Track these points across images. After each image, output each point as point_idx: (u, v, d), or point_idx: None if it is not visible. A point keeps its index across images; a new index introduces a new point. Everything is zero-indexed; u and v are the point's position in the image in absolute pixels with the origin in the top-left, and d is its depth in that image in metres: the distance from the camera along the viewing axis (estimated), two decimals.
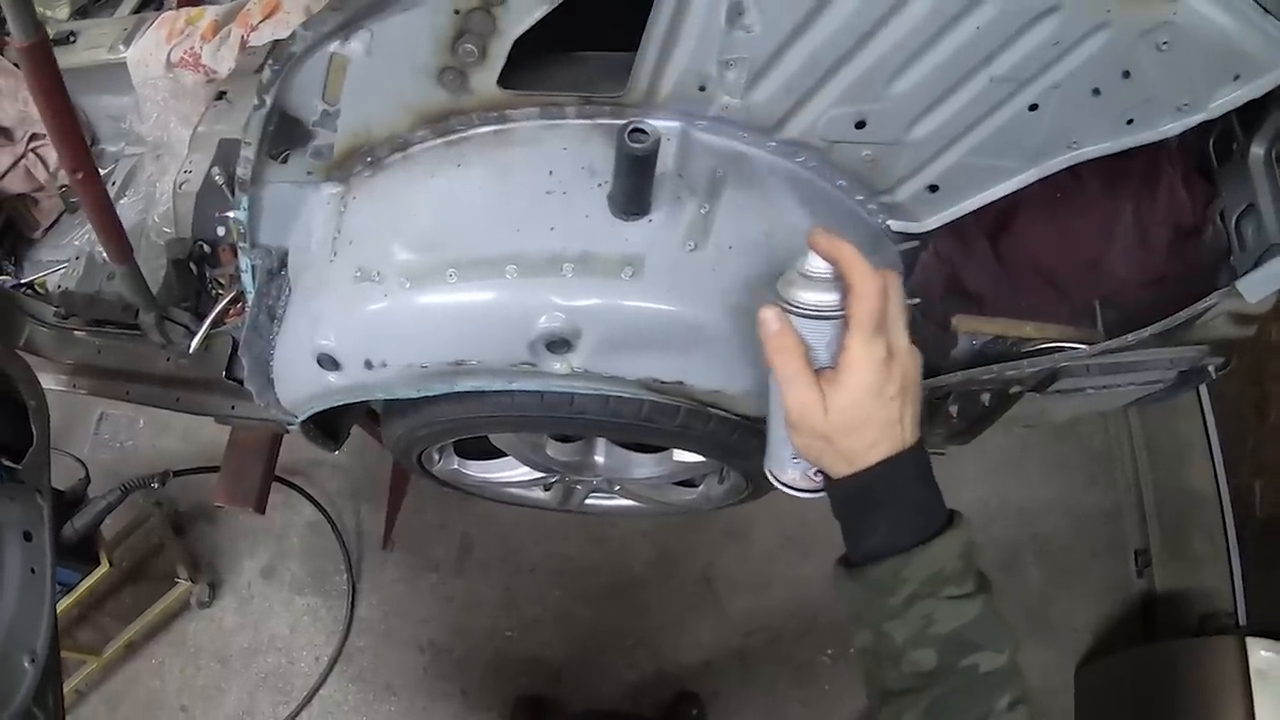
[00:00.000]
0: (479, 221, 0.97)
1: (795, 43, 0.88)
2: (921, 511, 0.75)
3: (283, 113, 1.02)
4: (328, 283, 1.06)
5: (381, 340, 1.02)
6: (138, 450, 2.43)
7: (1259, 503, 2.19)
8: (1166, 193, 1.48)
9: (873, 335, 0.73)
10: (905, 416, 0.75)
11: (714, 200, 1.02)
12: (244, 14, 1.98)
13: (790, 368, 0.75)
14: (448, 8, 0.86)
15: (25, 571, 1.35)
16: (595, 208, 0.98)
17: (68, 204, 2.12)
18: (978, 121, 0.98)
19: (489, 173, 1.00)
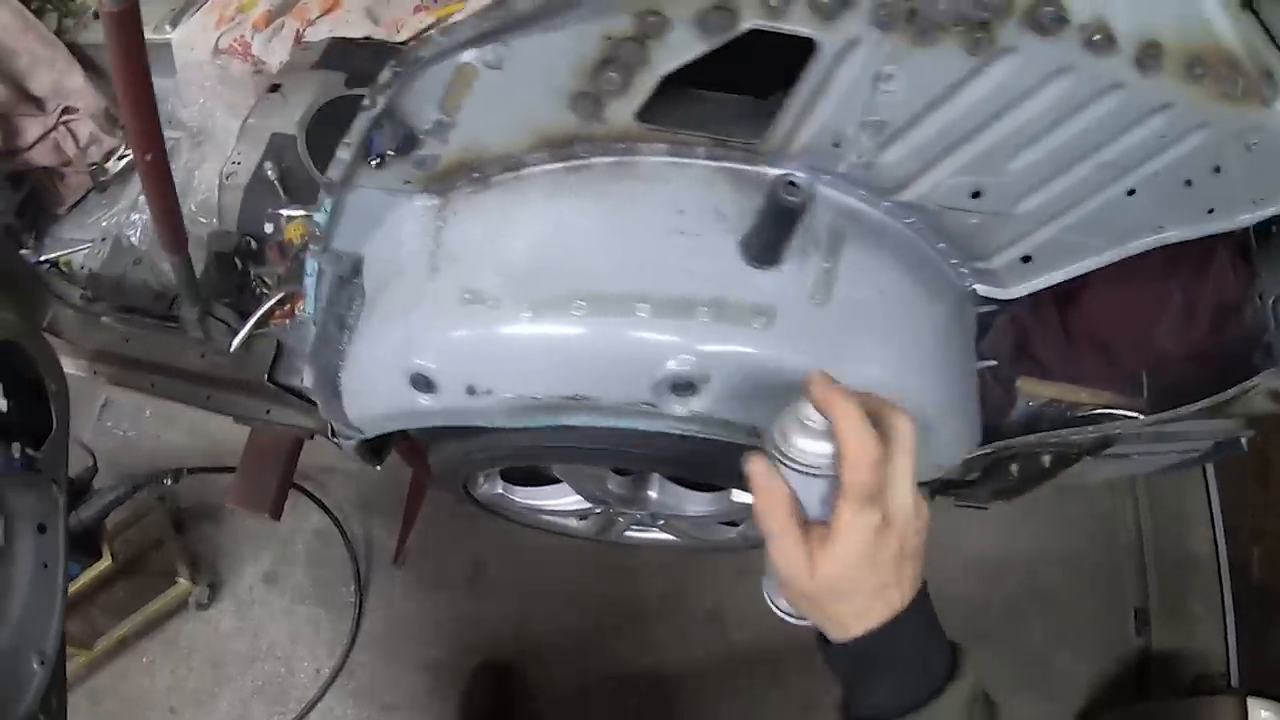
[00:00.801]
0: (608, 256, 0.96)
1: (933, 112, 0.90)
2: (922, 669, 0.73)
3: (392, 117, 0.99)
4: (428, 300, 1.03)
5: (491, 367, 1.00)
6: (141, 441, 2.36)
7: (1256, 568, 2.24)
8: (1216, 272, 1.52)
9: (865, 505, 0.69)
10: (902, 579, 0.72)
11: (836, 256, 1.02)
12: (300, 7, 1.96)
13: (776, 525, 0.71)
14: (598, 32, 0.85)
15: (38, 566, 1.30)
16: (726, 253, 0.98)
17: (96, 183, 2.07)
18: (1080, 201, 1.01)
19: (615, 206, 0.98)
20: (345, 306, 1.31)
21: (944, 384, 1.14)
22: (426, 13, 1.84)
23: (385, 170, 1.06)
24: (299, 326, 1.53)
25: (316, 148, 1.78)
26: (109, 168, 2.06)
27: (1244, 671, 2.18)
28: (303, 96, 1.84)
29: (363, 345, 1.16)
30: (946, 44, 0.81)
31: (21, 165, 2.01)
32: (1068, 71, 0.83)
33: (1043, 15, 0.77)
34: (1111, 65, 0.82)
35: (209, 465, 2.07)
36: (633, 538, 1.82)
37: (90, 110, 2.02)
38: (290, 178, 1.74)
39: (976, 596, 2.32)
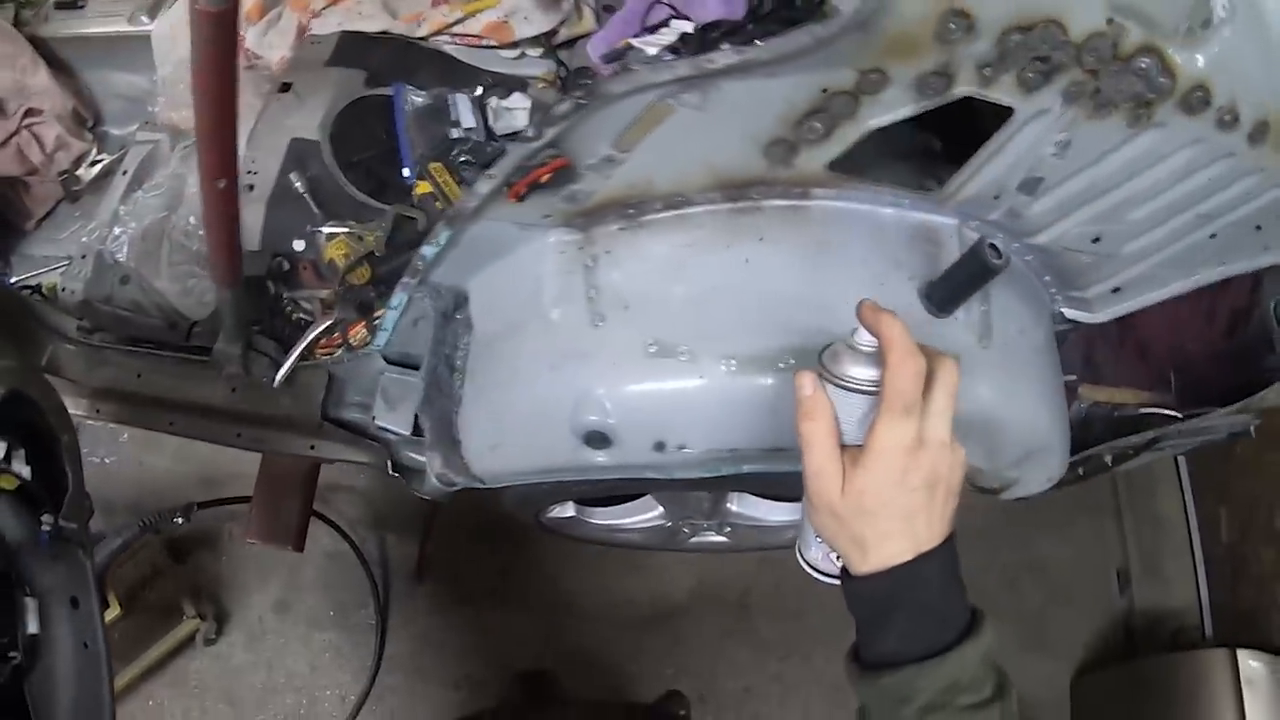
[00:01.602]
0: (808, 307, 0.97)
1: (1083, 172, 1.00)
2: (940, 619, 0.74)
3: (552, 148, 0.96)
4: (601, 352, 1.02)
5: (686, 423, 1.01)
6: (122, 468, 2.22)
7: (1224, 529, 2.46)
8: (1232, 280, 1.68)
9: (900, 417, 0.71)
10: (931, 513, 0.73)
11: (988, 299, 1.07)
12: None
13: (814, 434, 0.74)
14: (817, 84, 0.88)
15: (78, 647, 1.18)
16: (910, 302, 1.02)
17: (68, 192, 1.93)
18: (1173, 243, 1.14)
19: (802, 255, 1.01)
20: (452, 346, 1.27)
21: (1059, 405, 1.21)
22: (448, 6, 1.75)
23: (525, 204, 1.03)
24: (359, 359, 1.45)
25: (342, 155, 1.69)
26: (81, 175, 1.91)
27: (1217, 625, 2.40)
28: (320, 97, 1.74)
29: (498, 395, 1.12)
30: (1114, 118, 0.91)
31: None
32: (1198, 144, 0.95)
33: (1194, 99, 0.90)
34: (1231, 139, 0.94)
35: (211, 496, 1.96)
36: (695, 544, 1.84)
37: (56, 111, 1.86)
38: (319, 189, 1.65)
39: (978, 567, 2.47)
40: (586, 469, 1.07)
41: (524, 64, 1.74)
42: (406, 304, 1.29)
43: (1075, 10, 0.81)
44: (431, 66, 1.75)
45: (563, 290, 1.06)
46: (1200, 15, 0.84)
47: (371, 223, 1.57)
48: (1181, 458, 2.62)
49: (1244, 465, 2.37)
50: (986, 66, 0.86)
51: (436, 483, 1.30)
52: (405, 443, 1.48)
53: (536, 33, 1.68)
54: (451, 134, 1.65)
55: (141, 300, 1.77)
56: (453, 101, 1.68)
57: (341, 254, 1.55)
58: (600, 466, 1.06)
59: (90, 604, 1.20)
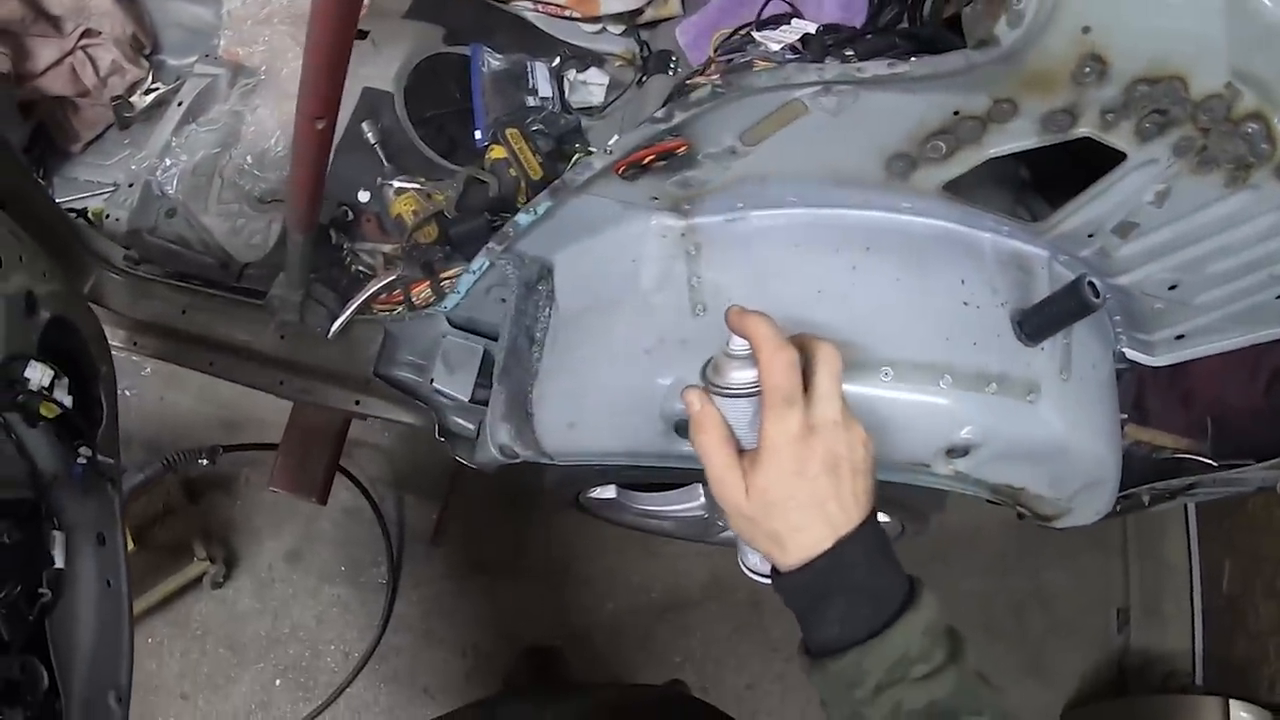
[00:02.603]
0: (911, 322, 1.02)
1: (1175, 223, 1.05)
2: (874, 597, 0.75)
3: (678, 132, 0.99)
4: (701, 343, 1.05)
5: None
6: (144, 402, 2.24)
7: (1226, 580, 2.54)
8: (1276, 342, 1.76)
9: (783, 409, 0.74)
10: (842, 496, 0.75)
11: (1070, 333, 1.12)
12: None
13: (707, 445, 0.77)
14: (951, 106, 0.92)
15: (101, 585, 1.18)
16: (1003, 328, 1.06)
17: (119, 118, 1.93)
18: (1242, 299, 1.18)
19: (905, 268, 1.04)
20: (533, 317, 1.31)
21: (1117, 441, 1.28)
22: None
23: (636, 184, 1.06)
24: (421, 319, 1.49)
25: (414, 109, 1.72)
26: (134, 102, 1.91)
27: (1208, 673, 2.49)
28: (397, 49, 1.77)
29: (582, 373, 1.16)
30: (1215, 175, 0.97)
31: (30, 93, 1.84)
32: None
33: None
34: None
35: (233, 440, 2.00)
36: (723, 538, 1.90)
37: (115, 35, 1.87)
38: (390, 141, 1.68)
39: (988, 590, 2.54)
40: (669, 456, 1.11)
41: (603, 39, 1.78)
42: (487, 269, 1.32)
43: (1201, 70, 0.86)
44: (510, 30, 1.78)
45: (663, 275, 1.09)
46: None
47: (442, 181, 1.60)
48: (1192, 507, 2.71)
49: (1252, 520, 2.44)
50: (1110, 112, 0.91)
51: (495, 453, 1.33)
52: (459, 408, 1.52)
53: (623, 9, 1.71)
54: (527, 101, 1.69)
55: (187, 235, 1.79)
56: (531, 69, 1.71)
57: (410, 210, 1.58)
58: (684, 455, 1.10)
59: (116, 541, 1.20)
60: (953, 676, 0.73)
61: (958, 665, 0.74)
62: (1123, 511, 1.70)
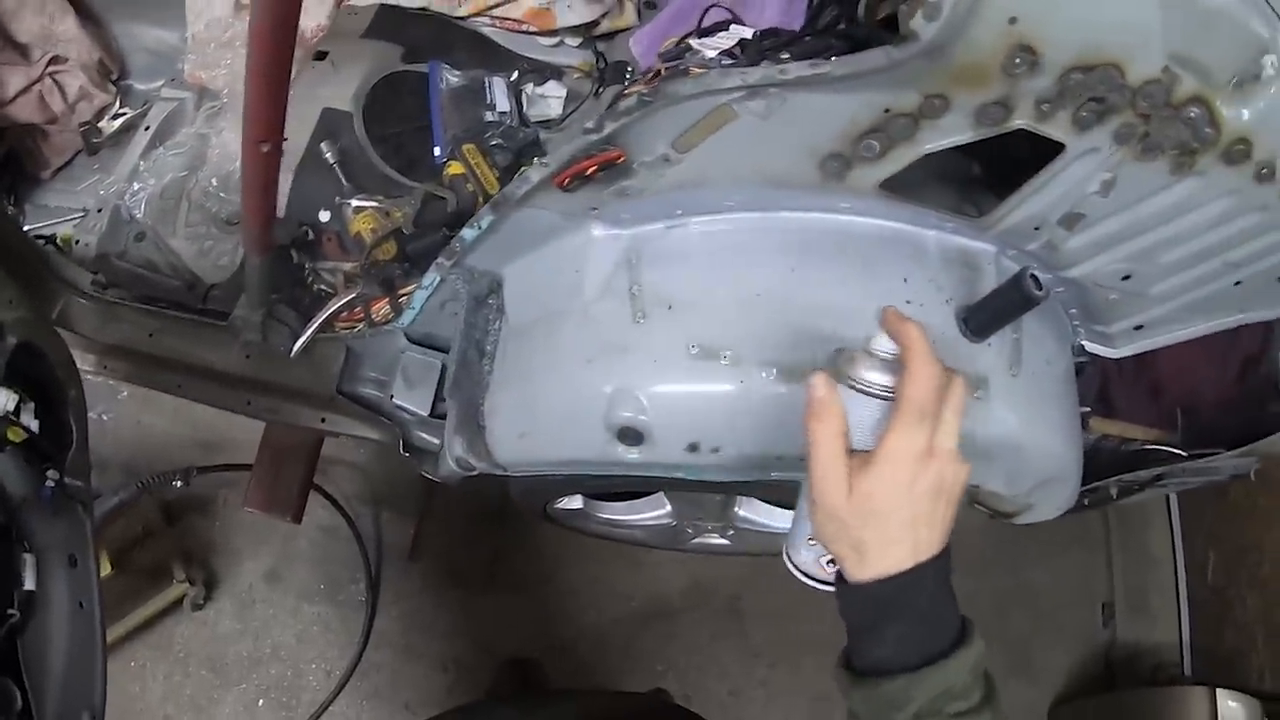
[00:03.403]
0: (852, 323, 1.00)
1: (1122, 212, 1.03)
2: (934, 627, 0.74)
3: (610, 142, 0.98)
4: (641, 350, 1.03)
5: (722, 427, 1.03)
6: (120, 427, 2.22)
7: (1211, 572, 2.50)
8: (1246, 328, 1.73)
9: (915, 424, 0.73)
10: (933, 523, 0.74)
11: (1020, 328, 1.10)
12: None
13: (823, 434, 0.75)
14: (879, 104, 0.90)
15: (74, 606, 1.18)
16: (948, 325, 1.04)
17: (88, 144, 1.92)
18: (1199, 287, 1.17)
19: (848, 269, 1.03)
20: (483, 330, 1.28)
21: (1076, 436, 1.25)
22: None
23: (575, 195, 1.04)
24: (381, 335, 1.46)
25: (373, 128, 1.70)
26: (102, 127, 1.90)
27: (1196, 664, 2.45)
28: (355, 69, 1.75)
29: (530, 384, 1.14)
30: (1159, 162, 0.95)
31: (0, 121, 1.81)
32: (1234, 194, 0.98)
33: (1235, 151, 0.93)
34: (1266, 193, 0.97)
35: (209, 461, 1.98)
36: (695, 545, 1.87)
37: (82, 61, 1.86)
38: (349, 160, 1.66)
39: (970, 589, 2.50)
40: (616, 464, 1.09)
41: (561, 52, 1.76)
42: (438, 284, 1.30)
43: (1136, 56, 0.84)
44: (468, 47, 1.76)
45: (605, 284, 1.08)
46: (1251, 71, 0.86)
47: (400, 199, 1.59)
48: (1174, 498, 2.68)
49: (1235, 511, 2.41)
50: (1045, 102, 0.89)
51: (453, 466, 1.31)
52: (420, 423, 1.50)
53: (579, 22, 1.69)
54: (485, 117, 1.67)
55: (155, 258, 1.77)
56: (489, 84, 1.69)
57: (369, 228, 1.56)
58: (630, 463, 1.08)
59: (88, 563, 1.19)
60: (985, 718, 0.73)
61: (992, 709, 0.74)
62: (1091, 505, 1.67)
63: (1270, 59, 0.85)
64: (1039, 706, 2.48)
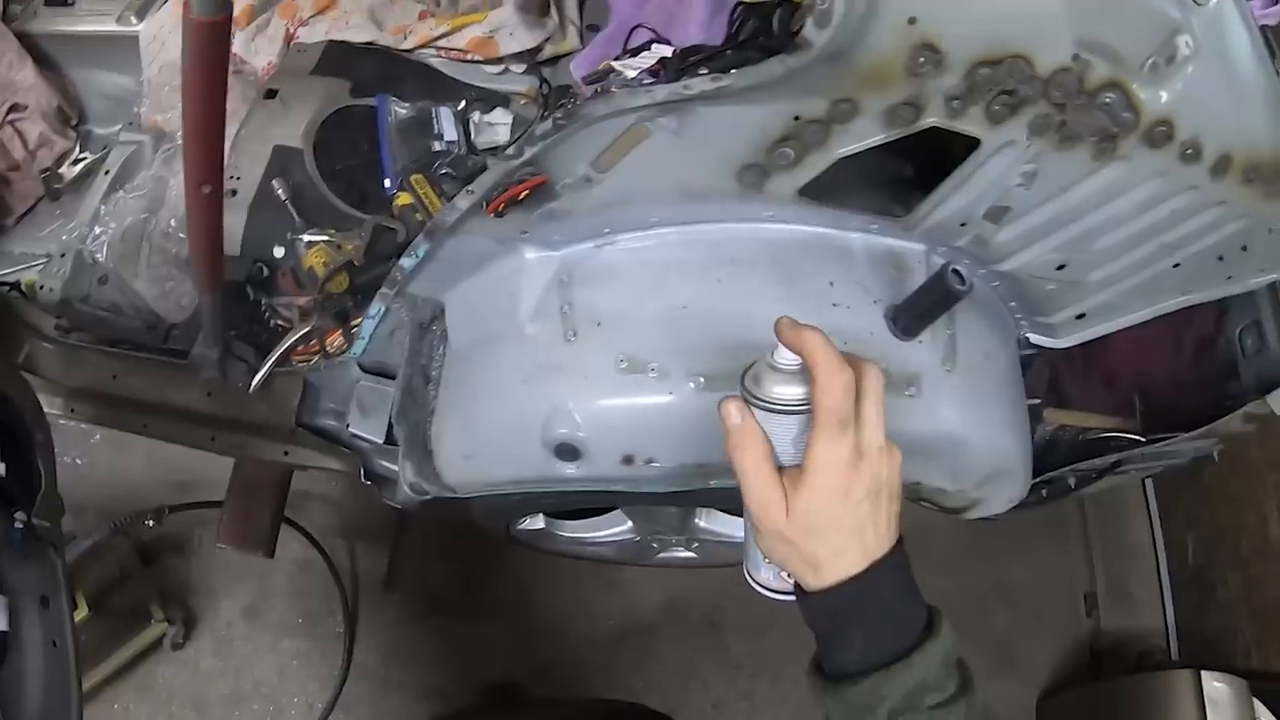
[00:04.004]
0: None
1: (1048, 202, 1.03)
2: (899, 624, 0.73)
3: (530, 166, 0.99)
4: (574, 367, 1.03)
5: (654, 438, 1.02)
6: (94, 471, 2.20)
7: (1191, 554, 2.49)
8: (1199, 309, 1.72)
9: (837, 433, 0.70)
10: (878, 521, 0.73)
11: (954, 324, 1.10)
12: (288, 4, 1.88)
13: (748, 463, 0.72)
14: (788, 113, 0.90)
15: (47, 646, 1.19)
16: (876, 326, 1.04)
17: (49, 190, 1.94)
18: (1137, 272, 1.17)
19: (771, 277, 1.03)
20: (428, 357, 1.28)
21: (1022, 428, 1.24)
22: (435, 20, 1.78)
23: (504, 220, 1.05)
24: (335, 367, 1.46)
25: (324, 163, 1.70)
26: (63, 173, 1.92)
27: (1183, 647, 2.43)
28: (305, 105, 1.75)
29: (472, 406, 1.14)
30: (1080, 150, 0.94)
31: None
32: (1161, 176, 0.98)
33: (1157, 134, 0.93)
34: (1193, 172, 0.97)
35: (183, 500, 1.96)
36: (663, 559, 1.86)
37: (41, 109, 1.87)
38: (301, 197, 1.66)
39: (946, 590, 2.49)
40: (556, 481, 1.09)
41: (507, 79, 1.77)
42: (384, 314, 1.31)
43: (1042, 46, 0.84)
44: (416, 79, 1.77)
45: (538, 305, 1.08)
46: (1165, 52, 0.86)
47: (351, 232, 1.59)
48: (1150, 484, 2.67)
49: (1211, 492, 2.41)
50: (955, 99, 0.89)
51: (409, 491, 1.31)
52: (378, 451, 1.49)
53: (521, 49, 1.70)
54: (434, 147, 1.67)
55: (119, 301, 1.77)
56: (436, 114, 1.70)
57: (321, 262, 1.56)
58: (570, 478, 1.07)
59: (61, 603, 1.20)
60: (962, 709, 0.72)
61: (968, 698, 0.72)
62: (1050, 496, 1.66)
63: (1183, 39, 0.85)
64: (1025, 702, 2.45)
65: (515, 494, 1.28)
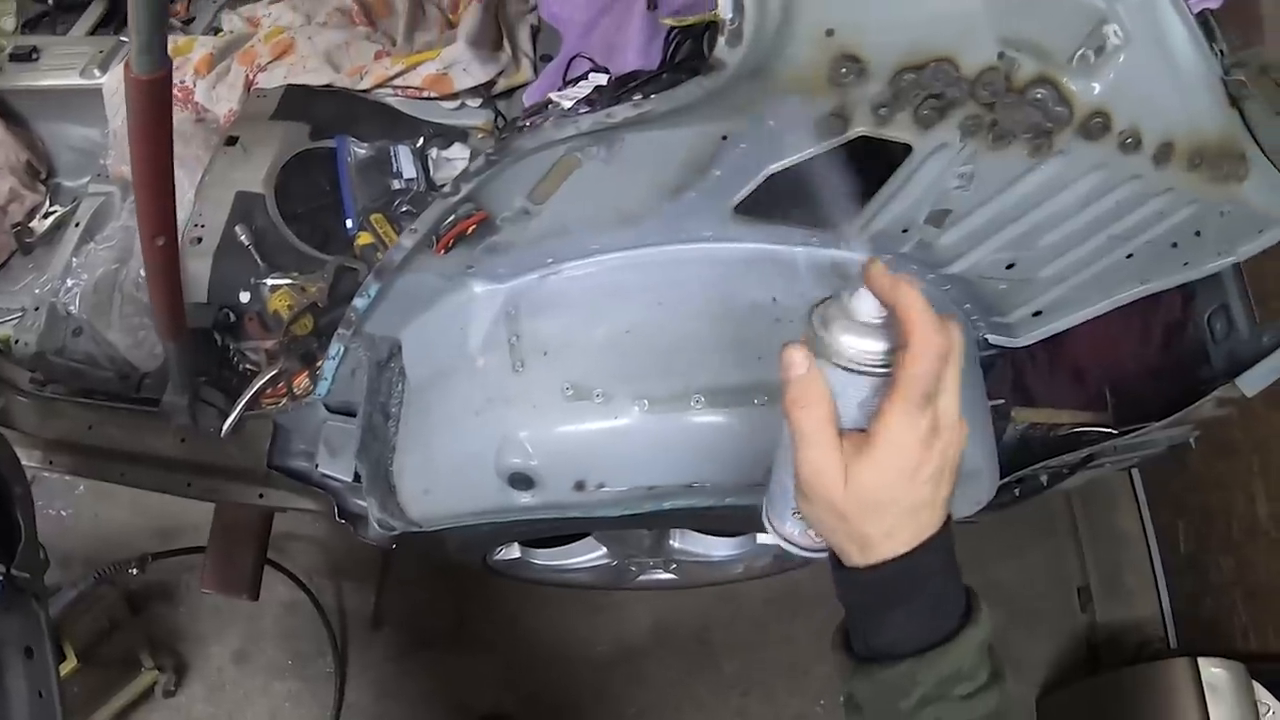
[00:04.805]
0: (719, 349, 0.99)
1: (989, 202, 1.02)
2: (937, 608, 0.67)
3: (469, 203, 0.98)
4: (522, 397, 1.02)
5: (604, 463, 1.01)
6: (79, 522, 2.19)
7: (1182, 540, 2.47)
8: (1166, 295, 1.71)
9: (920, 407, 0.61)
10: (936, 502, 0.66)
11: None
12: (247, 51, 1.87)
13: (810, 424, 0.63)
14: (715, 132, 0.89)
15: (33, 696, 1.20)
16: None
17: (21, 244, 1.93)
18: (1089, 265, 1.16)
19: (714, 295, 1.02)
20: (387, 394, 1.28)
21: (984, 430, 1.23)
22: (390, 59, 1.78)
23: (450, 256, 1.04)
24: (302, 408, 1.45)
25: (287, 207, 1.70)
26: (34, 227, 1.92)
27: (1181, 635, 2.40)
28: (266, 150, 1.75)
29: (429, 440, 1.13)
30: (1015, 148, 0.93)
31: None
32: (1102, 168, 0.97)
33: (1093, 126, 0.91)
34: (1136, 161, 0.96)
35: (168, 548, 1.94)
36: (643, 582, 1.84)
37: (10, 164, 1.88)
38: (264, 241, 1.66)
39: None
40: (513, 510, 1.08)
41: (464, 114, 1.77)
42: (343, 354, 1.30)
43: (966, 47, 0.83)
44: (374, 118, 1.78)
45: (487, 338, 1.07)
46: (1094, 43, 0.84)
47: (314, 274, 1.58)
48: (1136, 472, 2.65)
49: (1198, 477, 2.39)
50: (882, 106, 0.87)
51: (376, 527, 1.30)
52: (350, 489, 1.49)
53: (475, 84, 1.71)
54: (393, 185, 1.67)
55: (94, 352, 1.77)
56: (394, 153, 1.70)
57: (285, 305, 1.56)
58: (526, 508, 1.07)
59: (45, 654, 1.21)
60: (994, 698, 0.66)
61: (999, 687, 0.67)
62: (1023, 495, 1.65)
63: (1111, 28, 0.84)
64: (1026, 701, 2.42)
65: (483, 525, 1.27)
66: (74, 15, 2.06)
